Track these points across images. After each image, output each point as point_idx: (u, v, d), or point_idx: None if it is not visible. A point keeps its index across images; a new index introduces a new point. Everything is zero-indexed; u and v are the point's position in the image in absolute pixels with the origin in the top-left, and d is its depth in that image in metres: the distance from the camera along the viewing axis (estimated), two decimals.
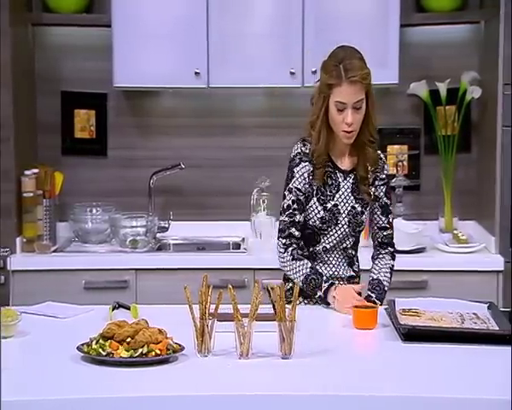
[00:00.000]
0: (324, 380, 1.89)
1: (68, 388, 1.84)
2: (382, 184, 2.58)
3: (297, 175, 2.53)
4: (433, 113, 3.70)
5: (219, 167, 3.86)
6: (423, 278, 3.32)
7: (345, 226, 2.54)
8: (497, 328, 2.21)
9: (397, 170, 3.76)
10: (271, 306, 2.07)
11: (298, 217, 2.53)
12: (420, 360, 2.04)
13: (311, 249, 2.56)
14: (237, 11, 3.54)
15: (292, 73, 3.52)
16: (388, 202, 2.60)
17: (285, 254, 2.53)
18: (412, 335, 2.15)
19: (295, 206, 2.53)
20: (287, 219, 2.54)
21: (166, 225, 3.76)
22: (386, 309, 2.39)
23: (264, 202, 3.57)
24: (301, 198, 2.53)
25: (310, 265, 2.51)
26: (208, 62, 3.54)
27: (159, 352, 1.96)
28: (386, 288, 2.59)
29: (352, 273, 2.61)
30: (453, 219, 3.71)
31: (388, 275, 2.62)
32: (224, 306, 2.09)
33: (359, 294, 2.49)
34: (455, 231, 3.60)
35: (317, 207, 2.53)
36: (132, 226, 3.58)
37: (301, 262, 2.51)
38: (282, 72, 3.53)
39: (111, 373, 1.91)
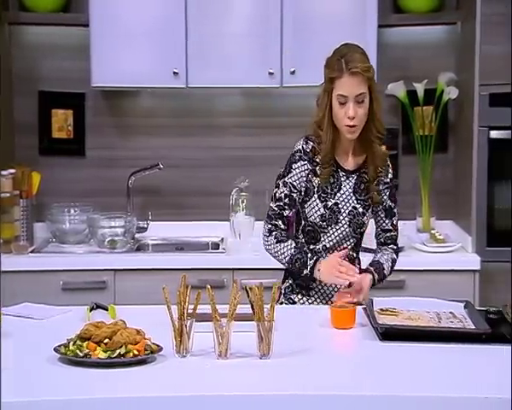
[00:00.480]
0: (303, 380, 1.90)
1: (45, 389, 1.83)
2: (386, 188, 2.58)
3: (294, 172, 2.53)
4: (411, 113, 3.73)
5: (198, 167, 3.86)
6: (401, 278, 3.34)
7: (345, 226, 2.54)
8: (474, 327, 2.23)
9: None
10: (250, 306, 2.07)
11: (287, 212, 2.53)
12: (398, 359, 2.05)
13: (311, 247, 2.56)
14: (216, 11, 3.53)
15: (270, 74, 3.52)
16: (392, 205, 2.60)
17: (270, 238, 2.53)
18: (390, 334, 2.16)
19: (286, 200, 2.53)
20: (276, 209, 2.54)
21: (145, 226, 3.75)
22: (364, 309, 2.40)
23: (243, 202, 3.57)
24: (294, 195, 2.52)
25: (294, 245, 2.50)
26: (187, 62, 3.53)
27: (137, 352, 1.95)
28: (385, 271, 2.57)
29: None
30: (430, 219, 3.74)
31: (390, 263, 2.60)
32: (202, 306, 2.09)
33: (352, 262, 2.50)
34: (432, 231, 3.63)
35: (317, 205, 2.52)
36: (111, 227, 3.57)
37: (285, 243, 2.50)
38: (260, 72, 3.53)
39: (88, 374, 1.90)
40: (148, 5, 3.55)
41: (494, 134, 3.37)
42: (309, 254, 2.49)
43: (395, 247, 2.65)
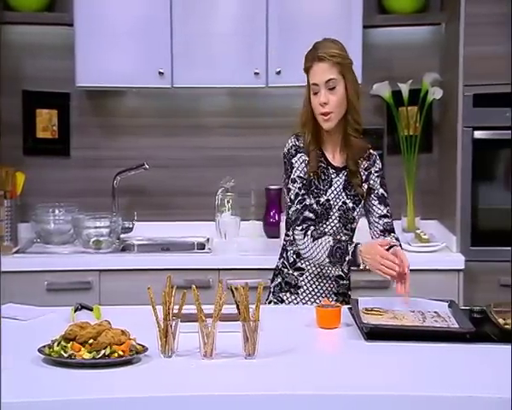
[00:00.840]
0: (288, 379, 1.90)
1: (29, 390, 1.82)
2: (377, 176, 2.60)
3: (296, 165, 2.54)
4: (396, 113, 3.74)
5: (183, 167, 3.85)
6: (386, 277, 3.35)
7: (335, 221, 2.55)
8: (458, 326, 2.25)
9: None
10: (235, 306, 2.07)
11: (308, 200, 2.53)
12: (383, 358, 2.06)
13: None
14: (201, 11, 3.53)
15: (256, 74, 3.53)
16: (385, 193, 2.61)
17: (305, 239, 2.48)
18: (375, 333, 2.17)
19: (303, 191, 2.53)
20: (298, 206, 2.52)
21: (130, 226, 3.74)
22: (349, 308, 2.41)
23: (228, 202, 3.57)
24: (306, 183, 2.53)
25: (331, 238, 2.48)
26: (172, 62, 3.53)
27: (122, 353, 1.95)
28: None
29: (341, 273, 2.60)
30: (415, 219, 3.75)
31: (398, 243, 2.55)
32: (188, 306, 2.09)
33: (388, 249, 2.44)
34: (417, 231, 3.65)
35: (309, 200, 2.54)
36: (96, 227, 3.55)
37: (322, 239, 2.47)
38: (245, 72, 3.53)
39: (73, 375, 1.89)
40: (133, 5, 3.54)
41: (478, 134, 3.39)
42: (348, 242, 2.48)
43: (396, 235, 2.61)
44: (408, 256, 3.42)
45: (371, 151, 2.63)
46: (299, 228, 2.50)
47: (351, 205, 2.56)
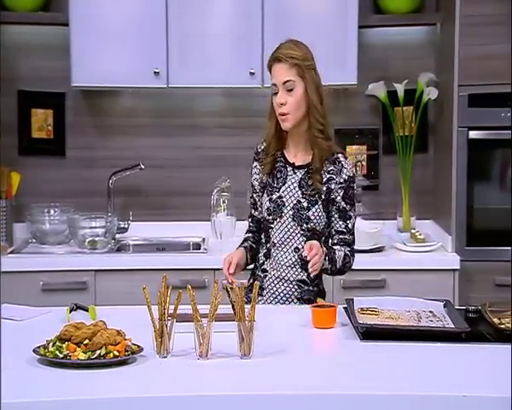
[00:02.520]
0: (283, 379, 1.90)
1: (24, 391, 1.81)
2: (340, 188, 2.53)
3: (252, 172, 2.65)
4: (391, 113, 3.75)
5: (179, 167, 3.85)
6: (382, 277, 3.36)
7: (289, 219, 2.54)
8: (453, 326, 2.25)
9: (356, 170, 3.80)
10: (231, 306, 2.07)
11: (253, 211, 2.67)
12: (378, 358, 2.06)
13: (267, 246, 2.60)
14: (197, 10, 3.53)
15: (251, 74, 3.53)
16: (347, 207, 2.54)
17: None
18: (370, 333, 2.17)
19: (252, 200, 2.67)
20: (249, 212, 2.68)
21: (126, 226, 3.74)
22: (344, 308, 2.41)
23: (224, 202, 3.57)
24: (255, 195, 2.64)
25: (245, 236, 2.65)
26: (168, 62, 3.52)
27: (117, 353, 1.95)
28: (336, 255, 2.49)
29: (305, 279, 2.56)
30: (411, 219, 3.76)
31: (342, 254, 2.52)
32: (183, 306, 2.09)
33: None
34: (413, 231, 3.65)
35: (265, 199, 2.58)
36: (91, 227, 3.55)
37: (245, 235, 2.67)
38: (241, 72, 3.53)
39: (68, 376, 1.89)
40: (129, 4, 3.54)
41: (473, 134, 3.39)
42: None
43: (349, 249, 2.56)
44: (403, 256, 3.47)
45: (339, 157, 2.54)
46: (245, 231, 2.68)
47: (305, 204, 2.53)
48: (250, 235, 2.66)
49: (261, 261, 2.62)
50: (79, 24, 3.50)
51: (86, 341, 1.95)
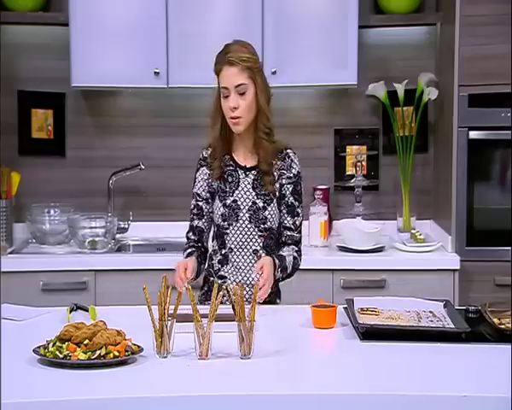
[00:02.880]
0: (284, 380, 1.90)
1: (24, 391, 1.81)
2: (289, 183, 2.54)
3: (197, 180, 2.59)
4: (392, 113, 3.75)
5: (179, 167, 3.84)
6: (382, 277, 3.36)
7: (246, 222, 2.52)
8: (453, 326, 2.25)
9: (356, 170, 3.80)
10: (231, 306, 2.07)
11: (196, 222, 2.59)
12: (378, 358, 2.06)
13: (222, 252, 2.56)
14: (197, 11, 3.53)
15: None
16: (296, 203, 2.55)
17: (184, 247, 2.60)
18: (370, 333, 2.17)
19: (195, 211, 2.59)
20: (189, 222, 2.61)
21: (126, 226, 3.74)
22: (345, 308, 2.41)
23: None
24: (200, 203, 2.57)
25: (189, 251, 2.56)
26: (168, 62, 3.52)
27: (117, 354, 1.95)
28: (287, 264, 2.50)
29: None
30: (411, 219, 3.76)
31: (291, 259, 2.53)
32: (183, 306, 2.09)
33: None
34: (413, 231, 3.65)
35: (218, 205, 2.54)
36: (91, 227, 3.55)
37: (187, 251, 2.57)
38: None
39: (68, 376, 1.89)
40: (129, 4, 3.54)
41: (473, 134, 3.39)
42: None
43: (296, 248, 2.57)
44: (403, 256, 3.47)
45: (288, 152, 2.57)
46: (185, 242, 2.60)
47: (261, 204, 2.52)
48: (193, 249, 2.56)
49: (216, 268, 2.57)
50: (79, 24, 3.50)
51: (86, 341, 1.95)
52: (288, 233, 2.57)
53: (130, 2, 3.55)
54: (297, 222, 2.57)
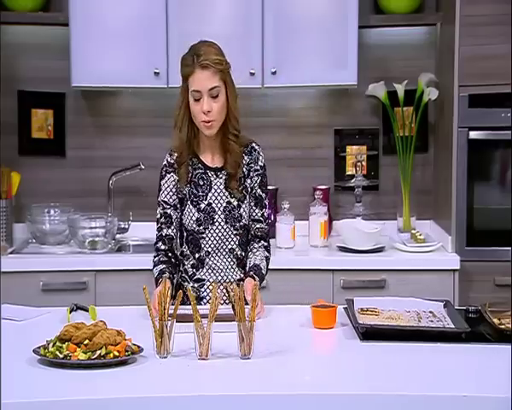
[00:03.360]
0: (284, 380, 1.90)
1: (24, 391, 1.82)
2: (256, 175, 2.54)
3: (163, 188, 2.55)
4: (392, 114, 3.74)
5: None
6: (382, 277, 3.36)
7: (222, 224, 2.50)
8: (453, 326, 2.25)
9: (356, 170, 3.80)
10: (231, 306, 2.07)
11: (165, 231, 2.54)
12: (378, 358, 2.06)
13: (197, 256, 2.52)
14: (197, 11, 3.53)
15: (251, 74, 3.52)
16: (263, 195, 2.55)
17: (154, 260, 2.54)
18: (370, 334, 2.17)
19: (162, 219, 2.55)
20: (156, 232, 2.56)
21: (126, 226, 3.74)
22: (345, 309, 2.41)
23: None
24: (168, 211, 2.53)
25: (160, 268, 2.48)
26: (168, 62, 3.52)
27: (117, 354, 1.95)
28: (263, 271, 2.50)
29: (242, 276, 2.52)
30: (411, 219, 3.75)
31: (264, 263, 2.53)
32: (183, 306, 2.09)
33: None
34: (413, 231, 3.65)
35: (191, 211, 2.50)
36: (91, 227, 3.55)
37: (157, 266, 2.50)
38: (241, 72, 3.50)
39: (68, 376, 1.89)
40: (129, 4, 3.54)
41: (473, 135, 3.39)
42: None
43: (266, 243, 2.57)
44: (403, 256, 3.47)
45: (254, 145, 2.56)
46: (154, 253, 2.54)
47: (235, 203, 2.51)
48: (164, 266, 2.48)
49: (191, 273, 2.54)
50: (79, 24, 3.50)
51: (86, 341, 1.95)
52: (258, 226, 2.56)
53: (130, 2, 3.55)
54: (265, 214, 2.57)
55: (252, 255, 2.54)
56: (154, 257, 2.55)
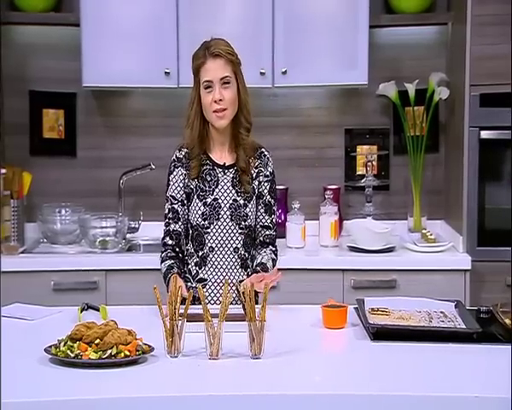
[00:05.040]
0: (294, 380, 1.90)
1: (36, 390, 1.82)
2: (266, 181, 2.56)
3: (171, 183, 2.56)
4: (402, 113, 3.73)
5: None
6: (392, 277, 3.35)
7: (227, 220, 2.50)
8: (464, 326, 2.24)
9: (366, 170, 3.79)
10: (241, 306, 2.07)
11: (172, 226, 2.55)
12: (389, 358, 2.06)
13: (200, 254, 2.52)
14: (207, 11, 3.53)
15: (262, 74, 3.52)
16: (272, 201, 2.57)
17: (162, 255, 2.55)
18: (381, 334, 2.17)
19: (170, 215, 2.56)
20: (164, 227, 2.57)
21: (136, 226, 3.75)
22: (355, 309, 2.41)
23: None
24: (176, 206, 2.53)
25: (168, 263, 2.50)
26: (178, 62, 3.52)
27: (128, 353, 1.95)
28: (270, 271, 2.49)
29: (245, 277, 2.51)
30: (422, 219, 3.74)
31: (271, 263, 2.52)
32: (193, 306, 2.09)
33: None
34: (423, 231, 3.64)
35: (197, 205, 2.51)
36: (102, 227, 3.56)
37: (166, 262, 2.52)
38: (251, 72, 3.50)
39: (79, 375, 1.90)
40: (140, 5, 3.54)
41: (485, 134, 3.38)
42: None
43: (273, 248, 2.59)
44: (414, 256, 3.46)
45: (264, 151, 2.58)
46: (161, 249, 2.55)
47: (242, 202, 2.51)
48: (172, 262, 2.50)
49: (194, 272, 2.54)
50: (90, 24, 3.51)
51: (97, 340, 1.96)
52: (267, 232, 2.57)
53: (140, 2, 3.55)
54: (273, 220, 2.59)
55: (258, 256, 2.55)
56: (162, 252, 2.56)
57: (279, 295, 2.77)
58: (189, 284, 2.53)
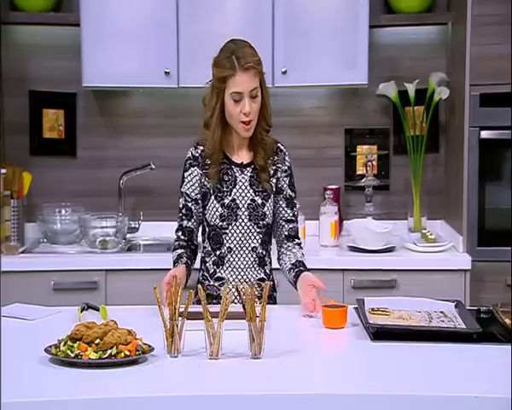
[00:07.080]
0: (294, 380, 1.90)
1: (36, 390, 1.82)
2: (286, 176, 2.56)
3: (186, 180, 2.55)
4: (402, 113, 3.73)
5: None
6: (392, 277, 3.35)
7: (245, 220, 2.50)
8: (464, 326, 2.24)
9: (366, 170, 3.79)
10: (241, 306, 2.07)
11: (185, 222, 2.55)
12: (389, 358, 2.06)
13: (217, 253, 2.53)
14: (207, 11, 3.53)
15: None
16: (293, 194, 2.58)
17: (174, 244, 2.58)
18: (381, 333, 2.17)
19: (184, 211, 2.56)
20: (178, 220, 2.58)
21: (136, 226, 3.75)
22: (355, 309, 2.41)
23: None
24: (189, 204, 2.53)
25: (179, 252, 2.53)
26: (178, 62, 3.53)
27: (128, 353, 1.95)
28: (306, 264, 2.53)
29: (263, 276, 2.54)
30: (422, 219, 3.75)
31: (305, 260, 2.55)
32: (195, 306, 2.09)
33: None
34: (423, 231, 3.64)
35: (215, 206, 2.50)
36: (102, 227, 3.56)
37: (177, 250, 2.55)
38: None
39: (79, 375, 1.90)
40: (140, 5, 3.55)
41: (485, 134, 3.38)
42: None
43: (299, 241, 2.60)
44: (414, 256, 3.46)
45: (280, 146, 2.57)
46: (174, 242, 2.57)
47: (260, 201, 2.51)
48: (182, 251, 2.53)
49: (212, 271, 2.55)
50: (90, 24, 3.51)
51: (97, 340, 1.96)
52: (291, 226, 2.58)
53: (140, 2, 3.56)
54: (295, 213, 2.61)
55: (290, 253, 2.56)
56: (175, 241, 2.59)
57: (279, 295, 2.77)
58: (207, 282, 2.54)
